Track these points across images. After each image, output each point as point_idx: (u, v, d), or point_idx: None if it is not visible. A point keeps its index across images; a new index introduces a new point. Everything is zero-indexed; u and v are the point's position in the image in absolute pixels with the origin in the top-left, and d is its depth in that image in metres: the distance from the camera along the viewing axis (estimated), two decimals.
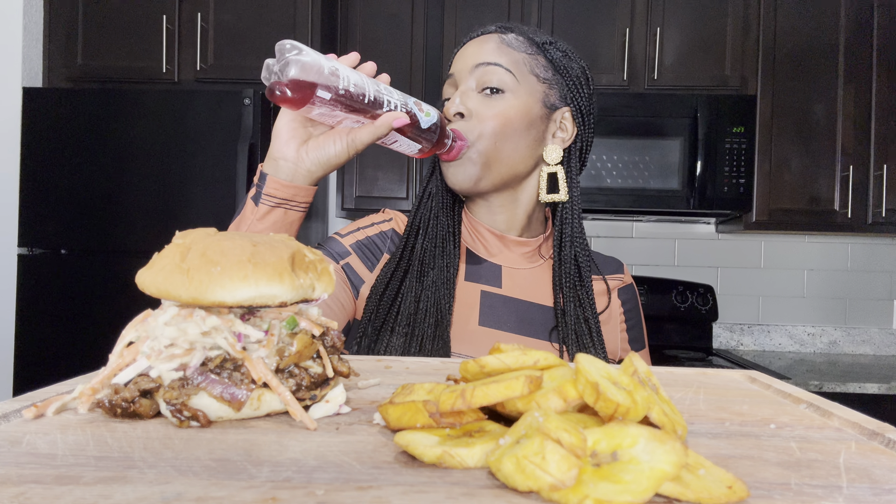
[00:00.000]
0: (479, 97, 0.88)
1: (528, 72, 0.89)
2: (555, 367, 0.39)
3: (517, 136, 0.88)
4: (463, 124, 0.87)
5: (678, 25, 2.41)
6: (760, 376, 0.57)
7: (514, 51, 0.89)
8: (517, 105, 0.87)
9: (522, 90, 0.88)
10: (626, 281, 0.99)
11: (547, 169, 0.92)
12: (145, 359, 0.39)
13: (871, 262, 2.74)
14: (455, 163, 0.87)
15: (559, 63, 0.92)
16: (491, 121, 0.86)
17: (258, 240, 0.42)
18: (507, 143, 0.87)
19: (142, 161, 2.12)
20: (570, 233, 0.92)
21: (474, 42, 0.91)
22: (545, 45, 0.91)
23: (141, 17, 2.35)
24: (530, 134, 0.89)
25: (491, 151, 0.87)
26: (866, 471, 0.33)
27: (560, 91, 0.92)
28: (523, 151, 0.89)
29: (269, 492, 0.28)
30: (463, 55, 0.92)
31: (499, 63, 0.87)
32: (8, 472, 0.30)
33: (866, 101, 2.36)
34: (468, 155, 0.87)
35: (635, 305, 0.99)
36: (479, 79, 0.88)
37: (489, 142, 0.86)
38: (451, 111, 0.87)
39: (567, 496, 0.26)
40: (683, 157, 2.33)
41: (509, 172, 0.90)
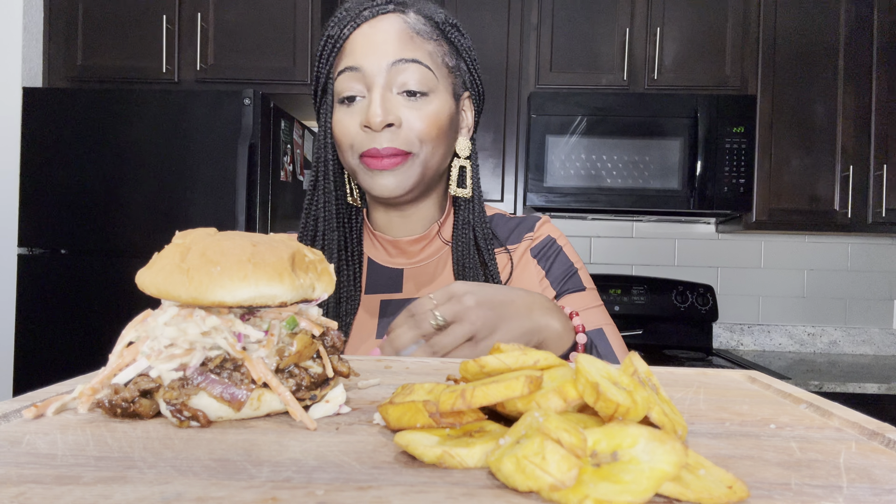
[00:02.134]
0: (403, 101, 0.80)
1: (441, 64, 0.83)
2: (555, 367, 0.39)
3: (445, 139, 0.83)
4: (395, 136, 0.79)
5: (678, 25, 2.41)
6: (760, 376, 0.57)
7: (425, 40, 0.82)
8: (441, 105, 0.82)
9: (441, 87, 0.82)
10: (537, 238, 0.92)
11: (458, 162, 0.88)
12: (145, 359, 0.39)
13: (871, 262, 2.74)
14: (393, 171, 0.81)
15: (461, 47, 0.86)
16: (423, 128, 0.80)
17: (258, 240, 0.42)
18: (439, 149, 0.83)
19: (142, 161, 2.12)
20: (468, 219, 0.88)
21: (377, 25, 0.81)
22: (445, 27, 0.84)
23: (141, 17, 2.35)
24: (450, 133, 0.85)
25: (427, 160, 0.82)
26: (866, 471, 0.33)
27: (462, 77, 0.87)
28: (447, 151, 0.86)
29: (269, 492, 0.28)
30: (369, 42, 0.80)
31: (418, 60, 0.80)
32: (8, 472, 0.30)
33: (866, 101, 2.36)
34: (409, 164, 0.81)
35: (552, 252, 0.91)
36: (398, 79, 0.79)
37: (427, 151, 0.81)
38: (376, 121, 0.77)
39: (567, 496, 0.26)
40: (683, 157, 2.33)
41: (435, 176, 0.86)
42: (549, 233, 0.93)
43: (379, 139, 0.79)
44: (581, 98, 2.36)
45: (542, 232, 0.93)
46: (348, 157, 0.83)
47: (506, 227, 0.94)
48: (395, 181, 0.81)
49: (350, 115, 0.81)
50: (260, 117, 2.08)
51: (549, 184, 2.36)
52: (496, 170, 2.47)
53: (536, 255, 0.91)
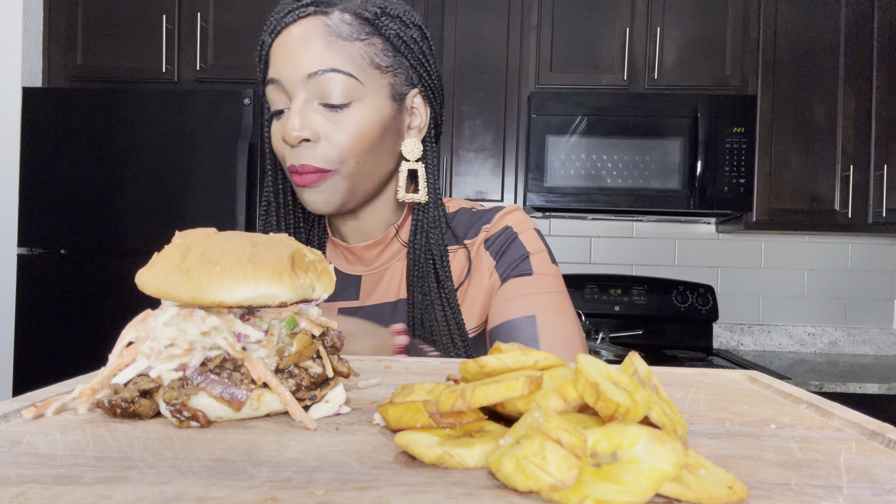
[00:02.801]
0: (324, 112, 0.75)
1: (368, 65, 0.76)
2: (555, 367, 0.39)
3: (376, 148, 0.78)
4: (312, 152, 0.75)
5: (678, 25, 2.41)
6: (761, 376, 0.57)
7: (347, 41, 0.75)
8: (368, 114, 0.76)
9: (369, 92, 0.76)
10: (493, 229, 0.86)
11: (407, 165, 0.83)
12: (145, 359, 0.39)
13: (872, 262, 2.74)
14: (316, 188, 0.77)
15: (397, 40, 0.78)
16: (345, 141, 0.75)
17: (258, 240, 0.42)
18: (369, 160, 0.78)
19: (142, 161, 2.12)
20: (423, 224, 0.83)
21: (295, 31, 0.75)
22: (378, 21, 0.77)
23: (141, 17, 2.35)
24: (388, 139, 0.79)
25: (355, 173, 0.77)
26: (867, 471, 0.33)
27: (405, 73, 0.80)
28: (384, 159, 0.80)
29: (268, 492, 0.28)
30: (285, 51, 0.75)
31: (335, 68, 0.74)
32: (7, 473, 0.30)
33: (867, 101, 2.36)
34: (332, 181, 0.77)
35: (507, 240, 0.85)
36: (317, 91, 0.75)
37: (352, 165, 0.76)
38: (292, 137, 0.74)
39: (567, 496, 0.26)
40: (684, 157, 2.33)
41: (375, 185, 0.81)
42: (507, 223, 0.86)
43: (297, 155, 0.76)
44: (581, 98, 2.36)
45: (501, 223, 0.86)
46: (285, 169, 0.80)
47: (468, 222, 0.88)
48: (322, 198, 0.78)
49: (278, 126, 0.79)
50: (260, 117, 2.08)
51: (549, 184, 2.36)
52: (496, 170, 2.47)
53: (490, 246, 0.85)
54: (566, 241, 2.81)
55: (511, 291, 0.82)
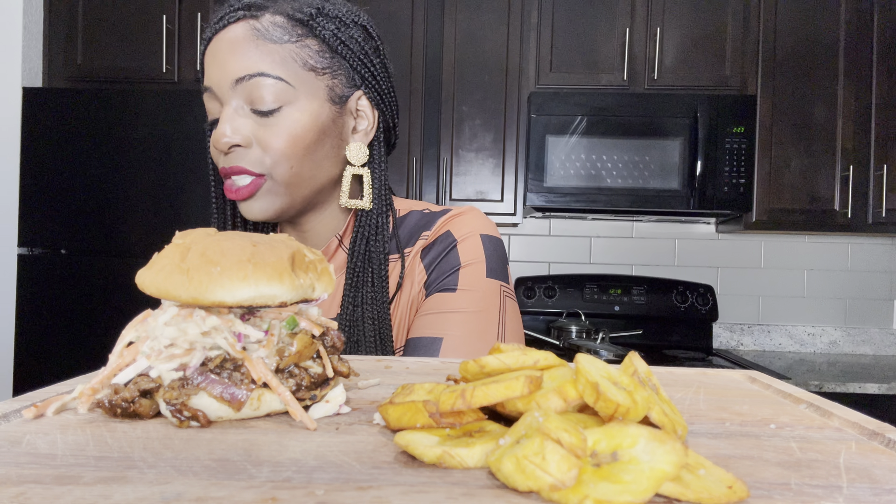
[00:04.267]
0: (254, 118, 0.73)
1: (300, 67, 0.74)
2: (555, 367, 0.39)
3: (313, 152, 0.75)
4: (244, 156, 0.73)
5: (678, 25, 2.41)
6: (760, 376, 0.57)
7: (276, 44, 0.73)
8: (301, 117, 0.73)
9: (302, 95, 0.74)
10: (433, 236, 0.80)
11: (351, 170, 0.79)
12: (145, 359, 0.39)
13: (872, 262, 2.74)
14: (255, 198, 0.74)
15: (334, 41, 0.75)
16: (278, 146, 0.72)
17: (258, 240, 0.42)
18: (305, 164, 0.75)
19: (142, 161, 2.12)
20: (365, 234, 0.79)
21: (224, 37, 0.73)
22: (311, 22, 0.74)
23: (141, 17, 2.35)
24: (326, 142, 0.76)
25: (290, 178, 0.74)
26: (866, 471, 0.33)
27: (346, 74, 0.77)
28: (324, 163, 0.77)
29: (269, 492, 0.28)
30: (215, 58, 0.73)
31: (263, 72, 0.71)
32: (8, 472, 0.30)
33: (866, 101, 2.36)
34: (266, 188, 0.74)
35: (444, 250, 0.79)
36: (246, 96, 0.72)
37: (284, 169, 0.73)
38: (221, 143, 0.71)
39: (567, 496, 0.26)
40: (683, 157, 2.33)
41: (314, 191, 0.78)
42: (450, 228, 0.80)
43: (228, 159, 0.74)
44: (581, 98, 2.36)
45: (443, 228, 0.80)
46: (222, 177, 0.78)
47: (413, 227, 0.83)
48: (259, 206, 0.75)
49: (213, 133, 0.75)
50: None
51: (549, 184, 2.36)
52: (496, 170, 2.47)
53: (425, 256, 0.80)
54: (566, 241, 2.81)
55: (427, 307, 0.78)
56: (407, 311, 0.79)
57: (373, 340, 0.76)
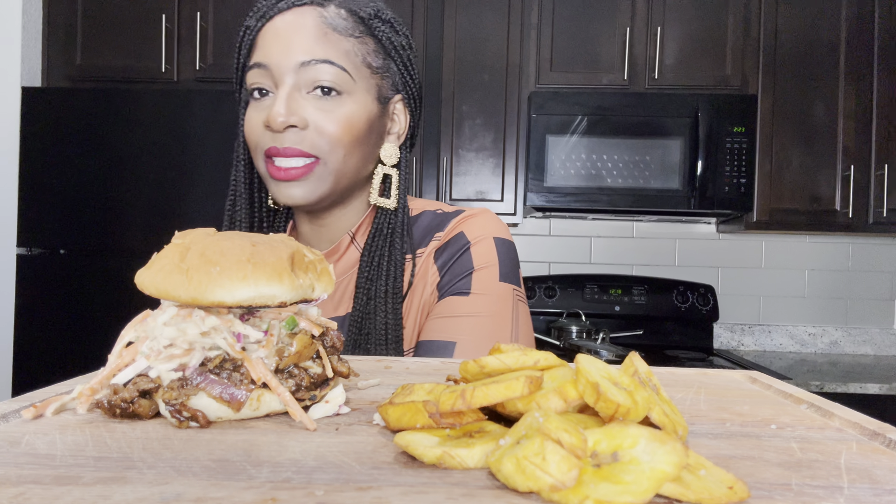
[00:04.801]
0: (311, 100, 0.74)
1: (360, 62, 0.76)
2: (555, 367, 0.39)
3: (361, 145, 0.77)
4: (299, 138, 0.73)
5: (679, 25, 2.41)
6: (761, 376, 0.57)
7: (342, 37, 0.74)
8: (357, 109, 0.75)
9: (358, 88, 0.76)
10: (446, 237, 0.81)
11: (383, 170, 0.81)
12: (144, 359, 0.39)
13: (872, 262, 2.74)
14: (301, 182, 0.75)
15: (388, 44, 0.78)
16: (333, 131, 0.74)
17: (258, 240, 0.42)
18: (354, 155, 0.76)
19: (141, 161, 2.12)
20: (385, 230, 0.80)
21: (289, 18, 0.74)
22: (372, 22, 0.77)
23: (140, 16, 2.35)
24: (371, 138, 0.78)
25: (340, 166, 0.75)
26: (867, 471, 0.33)
27: (391, 78, 0.80)
28: (366, 159, 0.79)
29: (268, 492, 0.28)
30: (278, 38, 0.74)
31: (329, 60, 0.73)
32: (7, 473, 0.30)
33: (867, 101, 2.36)
34: (317, 173, 0.74)
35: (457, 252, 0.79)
36: (308, 80, 0.73)
37: (339, 156, 0.74)
38: (277, 122, 0.71)
39: (567, 497, 0.26)
40: (684, 157, 2.33)
41: (352, 184, 0.79)
42: (463, 230, 0.80)
43: (281, 139, 0.73)
44: (581, 98, 2.36)
45: (456, 230, 0.81)
46: (256, 158, 0.78)
47: (426, 227, 0.83)
48: (302, 191, 0.75)
49: (257, 111, 0.76)
50: None
51: (549, 184, 2.36)
52: (496, 170, 2.47)
53: (438, 258, 0.80)
54: (566, 241, 2.80)
55: (440, 310, 0.78)
56: (418, 312, 0.79)
57: (383, 334, 0.77)
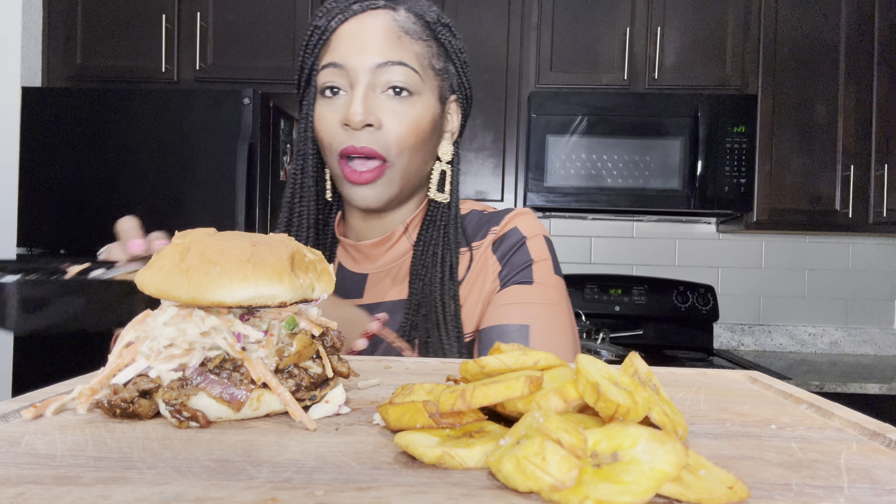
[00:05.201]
0: (384, 100, 0.78)
1: (427, 65, 0.80)
2: (555, 367, 0.39)
3: (425, 145, 0.81)
4: (374, 138, 0.77)
5: (679, 25, 2.41)
6: (761, 376, 0.57)
7: (413, 41, 0.79)
8: (424, 110, 0.79)
9: (426, 89, 0.80)
10: (501, 231, 0.86)
11: (439, 166, 0.85)
12: (144, 359, 0.39)
13: (872, 262, 2.74)
14: (372, 186, 0.79)
15: (450, 48, 0.83)
16: (405, 133, 0.78)
17: (257, 240, 0.42)
18: (419, 154, 0.81)
19: (141, 161, 2.12)
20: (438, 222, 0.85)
21: (365, 21, 0.78)
22: (436, 27, 0.82)
23: (140, 16, 2.35)
24: (433, 138, 0.83)
25: (405, 168, 0.79)
26: (867, 471, 0.33)
27: (450, 79, 0.84)
28: (427, 157, 0.83)
29: (268, 492, 0.28)
30: (355, 40, 0.78)
31: (404, 62, 0.77)
32: (7, 473, 0.30)
33: (867, 101, 2.36)
34: (387, 176, 0.79)
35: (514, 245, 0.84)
36: (382, 81, 0.77)
37: (407, 158, 0.79)
38: (356, 120, 0.75)
39: (567, 497, 0.26)
40: (684, 157, 2.33)
41: (416, 183, 0.83)
42: (517, 225, 0.86)
43: (357, 137, 0.77)
44: (581, 98, 2.36)
45: (510, 224, 0.86)
46: (328, 156, 0.81)
47: (477, 223, 0.89)
48: (374, 194, 0.79)
49: (331, 110, 0.79)
50: (259, 117, 2.08)
51: (549, 184, 2.36)
52: (496, 170, 2.47)
53: (497, 249, 0.85)
54: (566, 240, 2.80)
55: (508, 297, 0.82)
56: (478, 299, 0.84)
57: (442, 317, 0.80)
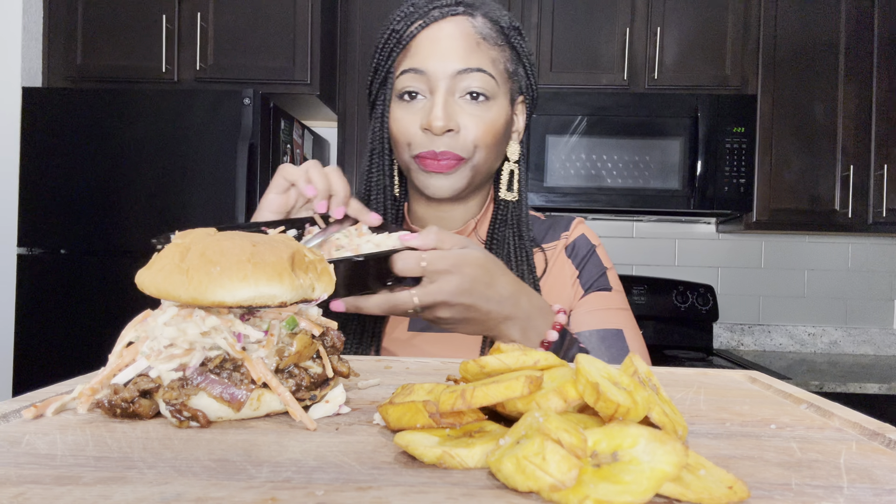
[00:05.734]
0: (463, 105, 0.82)
1: (502, 69, 0.84)
2: (555, 367, 0.39)
3: (499, 145, 0.85)
4: (453, 141, 0.81)
5: (678, 25, 2.41)
6: (761, 376, 0.57)
7: (490, 46, 0.83)
8: (500, 112, 0.84)
9: (501, 93, 0.84)
10: (571, 237, 0.93)
11: (508, 166, 0.89)
12: (145, 359, 0.39)
13: (872, 262, 2.74)
14: (448, 175, 0.83)
15: (522, 52, 0.87)
16: (482, 136, 0.82)
17: (258, 240, 0.42)
18: (492, 154, 0.85)
19: (142, 161, 2.12)
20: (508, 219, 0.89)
21: (444, 27, 0.81)
22: (510, 32, 0.85)
23: (141, 16, 2.35)
24: (505, 138, 0.87)
25: (480, 165, 0.84)
26: (867, 471, 0.33)
27: (520, 82, 0.88)
28: (499, 157, 0.87)
29: (268, 492, 0.28)
30: (435, 46, 0.81)
31: (482, 68, 0.81)
32: (7, 473, 0.30)
33: (867, 101, 2.36)
34: (463, 169, 0.83)
35: (587, 252, 0.92)
36: (461, 86, 0.81)
37: (483, 155, 0.83)
38: (437, 126, 0.79)
39: (567, 497, 0.26)
40: (684, 157, 2.33)
41: (484, 180, 0.88)
42: (583, 232, 0.94)
43: (437, 142, 0.81)
44: (581, 98, 2.36)
45: (577, 231, 0.94)
46: (403, 153, 0.85)
47: (541, 227, 0.95)
48: (448, 183, 0.83)
49: (410, 113, 0.83)
50: (260, 117, 2.08)
51: (549, 184, 2.36)
52: None
53: (570, 254, 0.92)
54: None
55: (596, 303, 0.88)
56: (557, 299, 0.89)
57: None
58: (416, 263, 0.64)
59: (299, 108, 2.55)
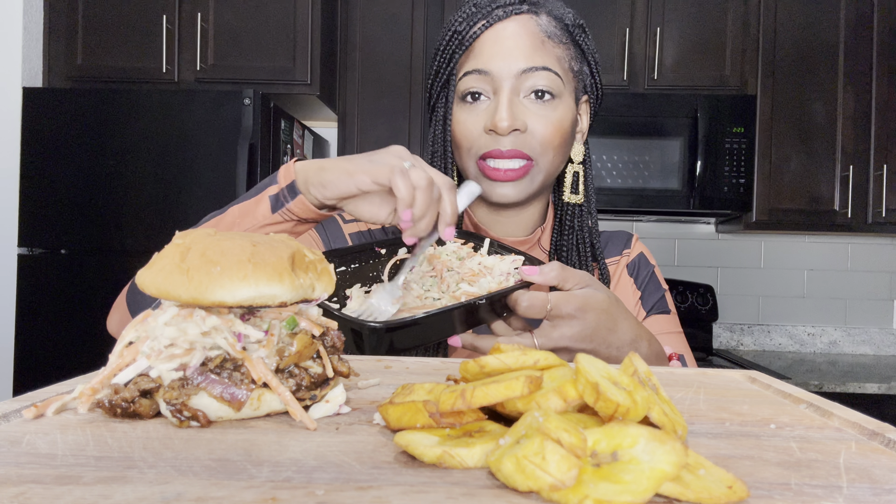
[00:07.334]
0: (528, 105, 0.79)
1: (567, 68, 0.82)
2: (555, 367, 0.39)
3: (565, 145, 0.82)
4: (520, 141, 0.79)
5: (678, 25, 2.41)
6: (760, 376, 0.57)
7: (555, 44, 0.81)
8: (565, 111, 0.81)
9: (566, 92, 0.81)
10: (632, 254, 0.92)
11: (572, 168, 0.87)
12: (145, 359, 0.39)
13: (871, 262, 2.74)
14: (515, 183, 0.80)
15: (587, 49, 0.85)
16: (546, 134, 0.79)
17: (258, 240, 0.42)
18: (559, 155, 0.82)
19: (142, 161, 2.12)
20: (575, 226, 0.87)
21: (509, 27, 0.79)
22: (574, 30, 0.83)
23: (141, 17, 2.35)
24: (570, 138, 0.84)
25: (548, 166, 0.81)
26: (866, 471, 0.33)
27: (584, 81, 0.86)
28: (564, 158, 0.84)
29: (268, 492, 0.28)
30: (499, 46, 0.79)
31: (548, 67, 0.79)
32: (8, 472, 0.30)
33: (866, 101, 2.36)
34: (532, 174, 0.80)
35: (647, 272, 0.91)
36: (526, 85, 0.79)
37: (549, 158, 0.80)
38: (503, 126, 0.77)
39: (567, 496, 0.26)
40: (683, 157, 2.33)
41: (551, 181, 0.85)
42: (642, 251, 0.93)
43: (502, 142, 0.78)
44: None
45: (637, 249, 0.93)
46: (465, 157, 0.83)
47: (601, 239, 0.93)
48: (515, 191, 0.80)
49: (473, 115, 0.81)
50: (260, 117, 2.08)
51: None
52: None
53: (632, 272, 0.90)
54: None
55: (658, 327, 0.87)
56: None
57: None
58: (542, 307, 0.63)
59: (299, 108, 2.55)
